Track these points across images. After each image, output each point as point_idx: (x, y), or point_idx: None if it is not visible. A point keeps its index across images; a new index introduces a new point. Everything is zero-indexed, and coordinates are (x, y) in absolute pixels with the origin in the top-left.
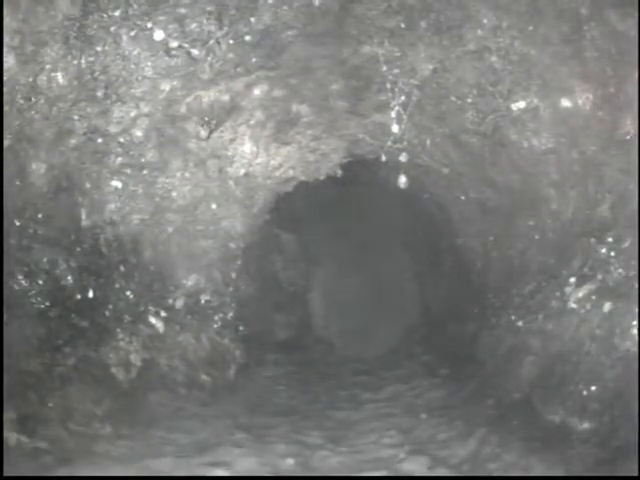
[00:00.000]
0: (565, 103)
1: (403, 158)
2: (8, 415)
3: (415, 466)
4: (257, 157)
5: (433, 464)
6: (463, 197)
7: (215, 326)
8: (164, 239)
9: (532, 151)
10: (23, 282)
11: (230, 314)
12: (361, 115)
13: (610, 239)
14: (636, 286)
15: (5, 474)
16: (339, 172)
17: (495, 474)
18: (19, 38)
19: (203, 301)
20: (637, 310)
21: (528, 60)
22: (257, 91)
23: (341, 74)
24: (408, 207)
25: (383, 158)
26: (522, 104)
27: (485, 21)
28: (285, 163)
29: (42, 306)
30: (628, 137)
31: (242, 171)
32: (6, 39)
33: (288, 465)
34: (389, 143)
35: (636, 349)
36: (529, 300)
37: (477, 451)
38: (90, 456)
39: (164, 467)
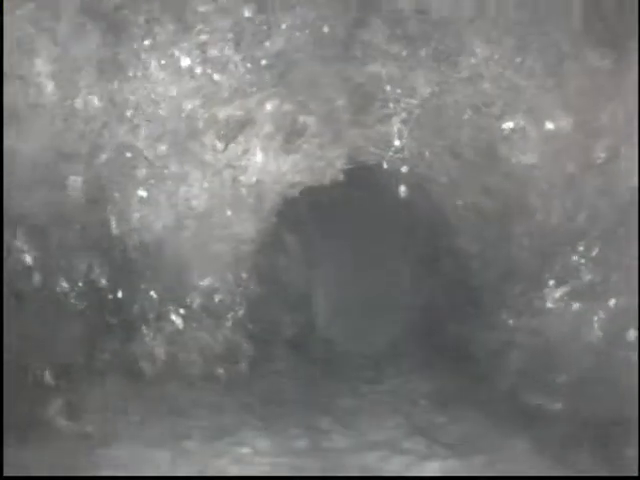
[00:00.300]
0: (549, 126)
1: (403, 168)
2: (57, 403)
3: (414, 445)
4: (267, 165)
5: (430, 443)
6: (460, 202)
7: (228, 323)
8: (183, 244)
9: (521, 166)
10: (65, 286)
11: (241, 312)
12: (364, 126)
13: (581, 248)
14: (599, 289)
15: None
16: (342, 177)
17: (484, 452)
18: (58, 65)
19: (217, 300)
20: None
21: (516, 88)
22: (268, 106)
23: (346, 91)
24: (407, 211)
25: (385, 166)
26: (511, 124)
27: (479, 51)
28: (292, 170)
29: (81, 306)
30: (600, 161)
31: (254, 179)
32: (46, 67)
33: (301, 445)
34: (390, 153)
35: (596, 342)
36: (518, 300)
37: (468, 432)
38: (127, 439)
39: (194, 447)
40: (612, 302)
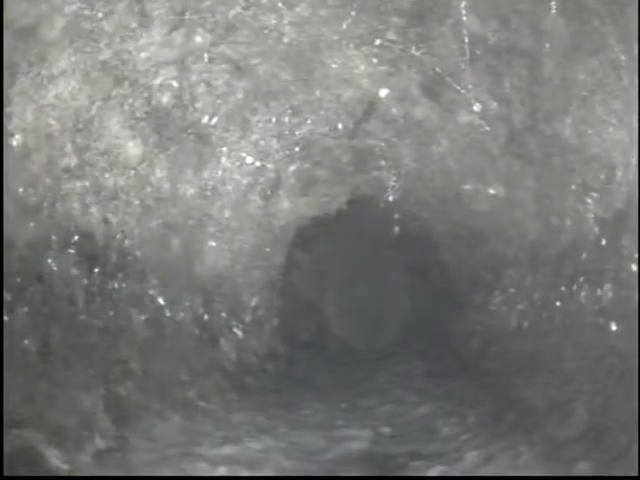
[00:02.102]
0: (491, 191)
1: (396, 200)
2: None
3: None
4: (291, 209)
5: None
6: (439, 228)
7: (268, 331)
8: (240, 275)
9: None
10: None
11: (275, 323)
12: (364, 173)
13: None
14: (537, 295)
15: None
16: (345, 208)
17: (468, 408)
18: (170, 173)
19: (260, 315)
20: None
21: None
22: (293, 167)
23: (351, 152)
24: (401, 232)
25: (380, 204)
26: (469, 186)
27: (444, 142)
28: (308, 207)
29: (189, 329)
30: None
31: (282, 221)
32: (163, 172)
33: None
34: (386, 193)
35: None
36: (497, 304)
37: (451, 392)
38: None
39: (279, 413)
40: (536, 300)
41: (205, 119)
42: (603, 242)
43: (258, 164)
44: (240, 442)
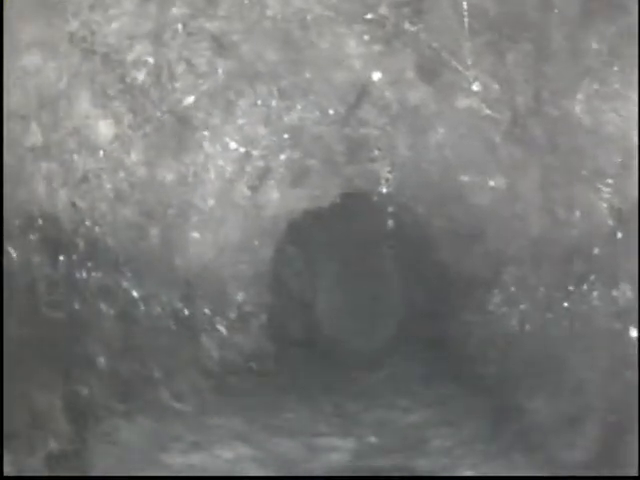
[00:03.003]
0: (491, 183)
1: (390, 193)
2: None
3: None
4: (281, 200)
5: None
6: (441, 222)
7: (254, 328)
8: (224, 268)
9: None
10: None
11: (263, 319)
12: (357, 164)
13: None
14: (539, 294)
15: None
16: (338, 201)
17: (463, 408)
18: (147, 156)
19: (246, 311)
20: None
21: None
22: (283, 156)
23: (343, 141)
24: (396, 227)
25: (374, 198)
26: (466, 178)
27: (441, 131)
28: (298, 200)
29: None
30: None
31: (271, 213)
32: (140, 156)
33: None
34: (379, 184)
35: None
36: (496, 304)
37: (445, 398)
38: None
39: (262, 416)
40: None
41: (185, 100)
42: (619, 235)
43: (243, 150)
44: (211, 449)
